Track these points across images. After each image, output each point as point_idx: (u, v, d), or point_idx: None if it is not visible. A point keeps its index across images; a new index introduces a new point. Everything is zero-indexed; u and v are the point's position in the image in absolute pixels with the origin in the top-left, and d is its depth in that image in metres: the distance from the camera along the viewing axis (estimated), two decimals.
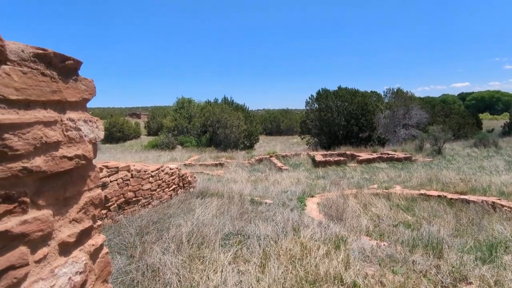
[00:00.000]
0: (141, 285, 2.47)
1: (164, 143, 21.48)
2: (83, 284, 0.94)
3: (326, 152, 16.24)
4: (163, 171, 5.24)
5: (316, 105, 22.56)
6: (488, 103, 60.80)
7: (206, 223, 3.91)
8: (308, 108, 23.25)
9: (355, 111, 20.72)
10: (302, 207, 6.09)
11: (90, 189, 1.02)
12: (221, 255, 2.91)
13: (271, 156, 15.07)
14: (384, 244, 3.71)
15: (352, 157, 14.70)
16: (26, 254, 0.75)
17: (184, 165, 12.72)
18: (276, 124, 43.74)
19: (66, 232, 0.90)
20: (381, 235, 4.37)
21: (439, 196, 6.92)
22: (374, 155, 14.32)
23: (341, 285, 2.55)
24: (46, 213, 0.82)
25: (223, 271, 2.62)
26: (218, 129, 22.46)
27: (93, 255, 1.02)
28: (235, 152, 18.47)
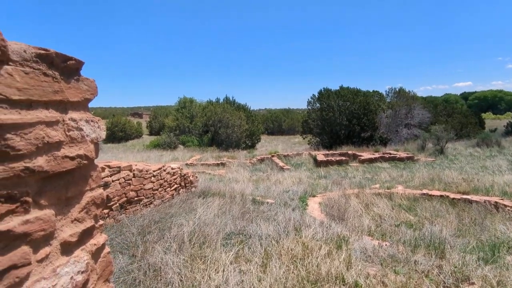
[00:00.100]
0: (143, 285, 2.48)
1: (166, 143, 21.52)
2: (85, 284, 0.94)
3: (328, 152, 16.22)
4: (165, 171, 5.25)
5: (318, 105, 22.53)
6: (491, 103, 60.51)
7: (208, 223, 3.92)
8: (310, 108, 23.22)
9: (357, 111, 20.67)
10: (304, 207, 6.08)
11: (92, 189, 1.03)
12: (223, 255, 2.91)
13: (273, 156, 15.06)
14: (386, 244, 3.70)
15: (354, 157, 14.67)
16: (28, 254, 0.76)
17: (186, 165, 12.74)
18: (278, 124, 43.67)
19: (68, 232, 0.90)
20: (383, 235, 4.36)
21: (442, 196, 6.89)
22: (376, 155, 14.29)
23: (343, 285, 2.55)
24: (48, 213, 0.82)
25: (225, 271, 2.63)
26: (220, 129, 22.46)
27: (95, 255, 1.02)
28: (237, 152, 18.46)
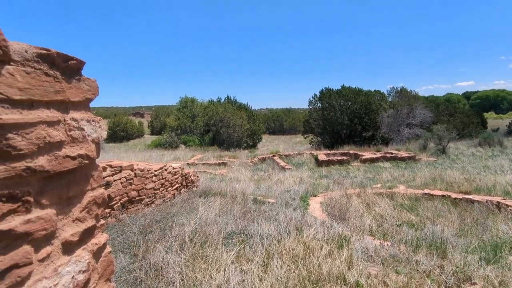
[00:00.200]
0: (144, 284, 2.48)
1: (167, 142, 21.54)
2: (86, 283, 0.95)
3: (329, 152, 16.20)
4: (166, 170, 5.26)
5: (319, 104, 22.50)
6: (493, 102, 60.26)
7: (209, 222, 3.92)
8: (311, 107, 23.19)
9: (359, 110, 20.63)
10: (305, 207, 6.08)
11: (93, 189, 1.03)
12: (224, 254, 2.91)
13: (274, 155, 15.06)
14: (388, 244, 3.69)
15: (356, 157, 14.64)
16: (30, 253, 0.76)
17: (187, 164, 12.76)
18: (279, 123, 43.65)
19: (69, 231, 0.90)
20: (385, 235, 4.35)
21: (443, 196, 6.87)
22: (378, 155, 14.25)
23: (344, 285, 2.55)
24: (50, 212, 0.82)
25: (226, 270, 2.63)
26: (221, 128, 22.47)
27: (96, 254, 1.02)
28: (238, 151, 18.47)
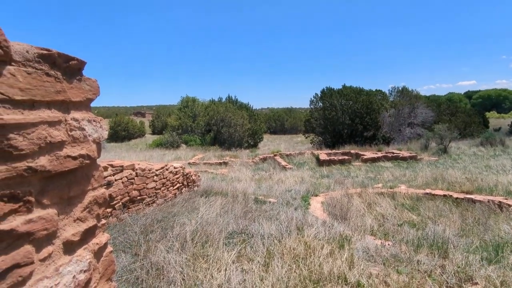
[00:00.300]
0: (146, 283, 2.49)
1: (169, 142, 21.57)
2: (88, 283, 0.95)
3: (331, 151, 16.18)
4: (168, 170, 5.27)
5: (321, 104, 22.49)
6: (495, 102, 60.01)
7: (210, 222, 3.93)
8: (313, 107, 23.17)
9: (360, 110, 20.59)
10: (306, 206, 6.08)
11: (94, 188, 1.03)
12: (225, 254, 2.92)
13: (275, 155, 15.05)
14: (389, 244, 3.69)
15: (357, 156, 14.62)
16: (31, 253, 0.76)
17: (189, 164, 12.77)
18: (280, 123, 43.63)
19: (71, 231, 0.90)
20: (386, 235, 4.34)
21: (445, 196, 6.85)
22: (379, 154, 14.23)
23: (345, 285, 2.54)
24: (51, 212, 0.83)
25: (227, 270, 2.63)
26: (222, 128, 22.48)
27: (97, 254, 1.03)
28: (239, 151, 18.47)
